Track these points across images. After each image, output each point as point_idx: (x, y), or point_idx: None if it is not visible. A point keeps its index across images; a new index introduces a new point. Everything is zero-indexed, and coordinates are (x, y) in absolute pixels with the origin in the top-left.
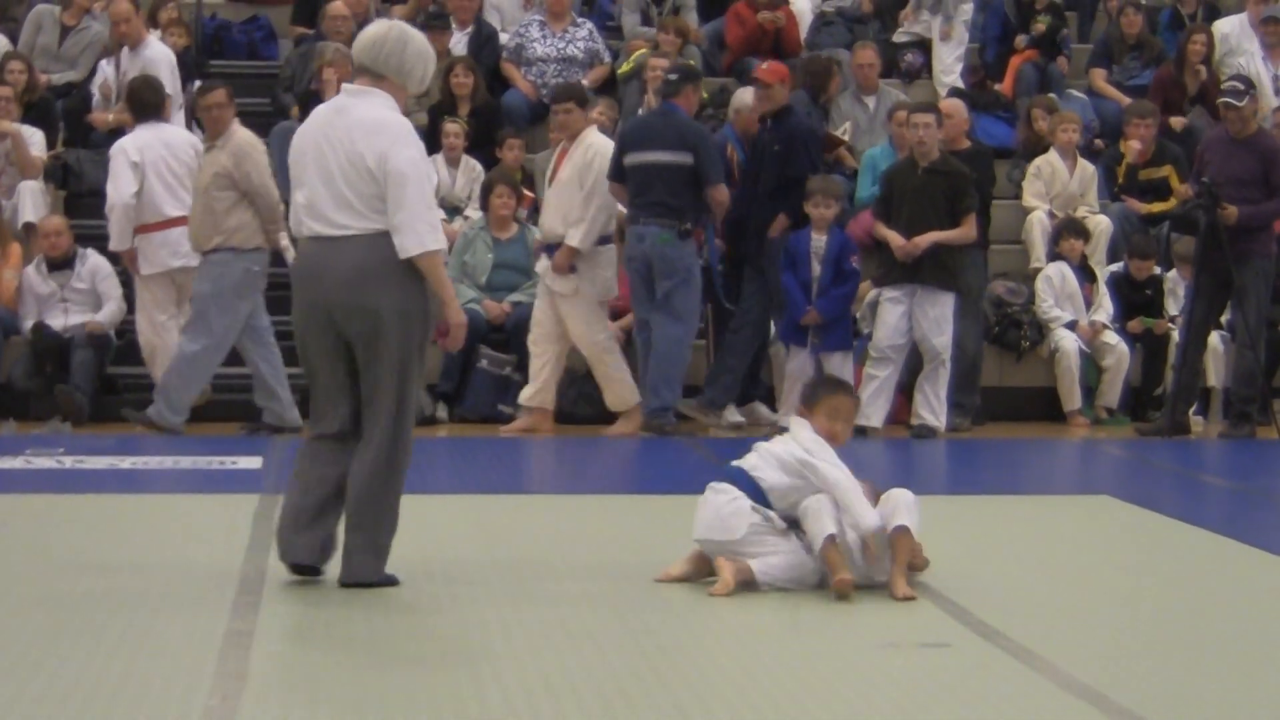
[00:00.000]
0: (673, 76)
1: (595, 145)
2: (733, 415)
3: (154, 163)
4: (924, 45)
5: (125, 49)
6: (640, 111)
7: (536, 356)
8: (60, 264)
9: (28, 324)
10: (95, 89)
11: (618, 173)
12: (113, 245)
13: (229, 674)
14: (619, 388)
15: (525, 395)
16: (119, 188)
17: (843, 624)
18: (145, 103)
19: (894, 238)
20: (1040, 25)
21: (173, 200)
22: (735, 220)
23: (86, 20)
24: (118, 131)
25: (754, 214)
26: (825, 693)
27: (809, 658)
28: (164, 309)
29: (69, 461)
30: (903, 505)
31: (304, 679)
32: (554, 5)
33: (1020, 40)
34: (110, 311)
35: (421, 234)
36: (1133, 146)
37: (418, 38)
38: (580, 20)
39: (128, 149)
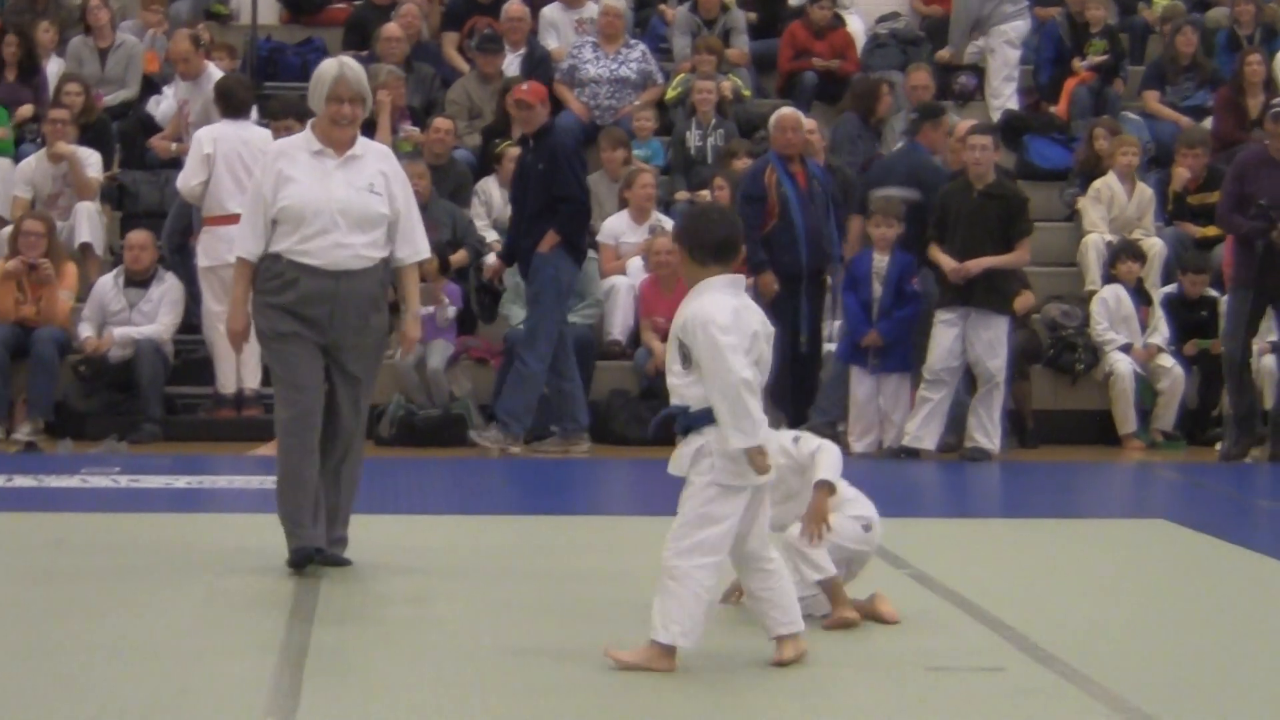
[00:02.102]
0: (913, 115)
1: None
2: None
3: (226, 156)
4: (977, 68)
5: (181, 80)
6: (691, 133)
7: None
8: (139, 280)
9: (85, 333)
10: (156, 114)
11: (859, 206)
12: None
13: (282, 692)
14: None
15: None
16: (184, 175)
17: (892, 647)
18: (234, 100)
19: (946, 261)
20: (1099, 52)
21: (239, 196)
22: (508, 242)
23: (119, 37)
24: (177, 160)
25: (524, 234)
26: (877, 718)
27: (859, 683)
28: (222, 302)
29: (124, 481)
30: (826, 459)
31: (358, 695)
32: (606, 27)
33: (1078, 64)
34: (156, 328)
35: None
36: (1181, 175)
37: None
38: (633, 42)
39: (203, 140)
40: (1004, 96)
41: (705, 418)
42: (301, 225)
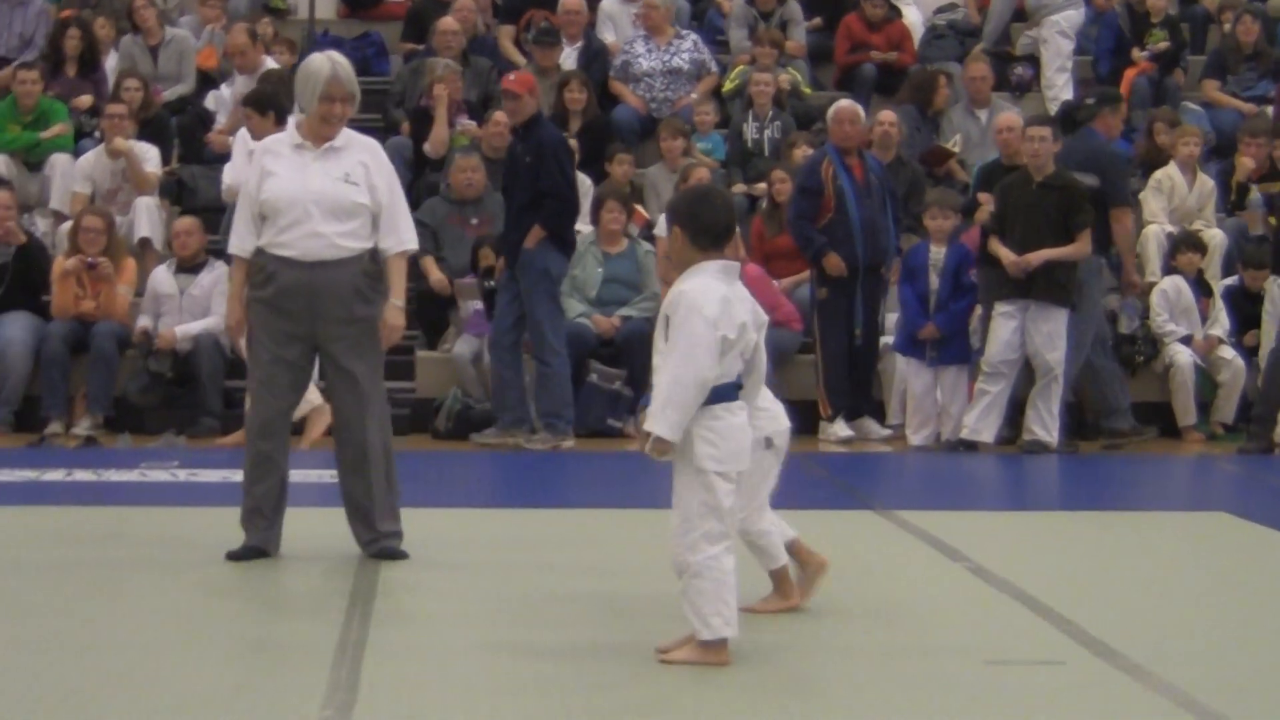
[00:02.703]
0: (1089, 101)
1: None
2: (842, 429)
3: None
4: (1034, 58)
5: (239, 75)
6: (749, 126)
7: None
8: (188, 267)
9: (143, 323)
10: (214, 109)
11: None
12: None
13: (341, 684)
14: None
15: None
16: (228, 172)
17: (950, 640)
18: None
19: (1005, 254)
20: (1159, 42)
21: None
22: (500, 235)
23: (169, 33)
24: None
25: (512, 228)
26: (935, 711)
27: (917, 675)
28: None
29: (183, 475)
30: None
31: (415, 691)
32: (651, 19)
33: (1138, 54)
34: (207, 323)
35: None
36: (1245, 164)
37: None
38: (684, 32)
39: (245, 137)
40: (1058, 87)
41: None
42: (278, 217)
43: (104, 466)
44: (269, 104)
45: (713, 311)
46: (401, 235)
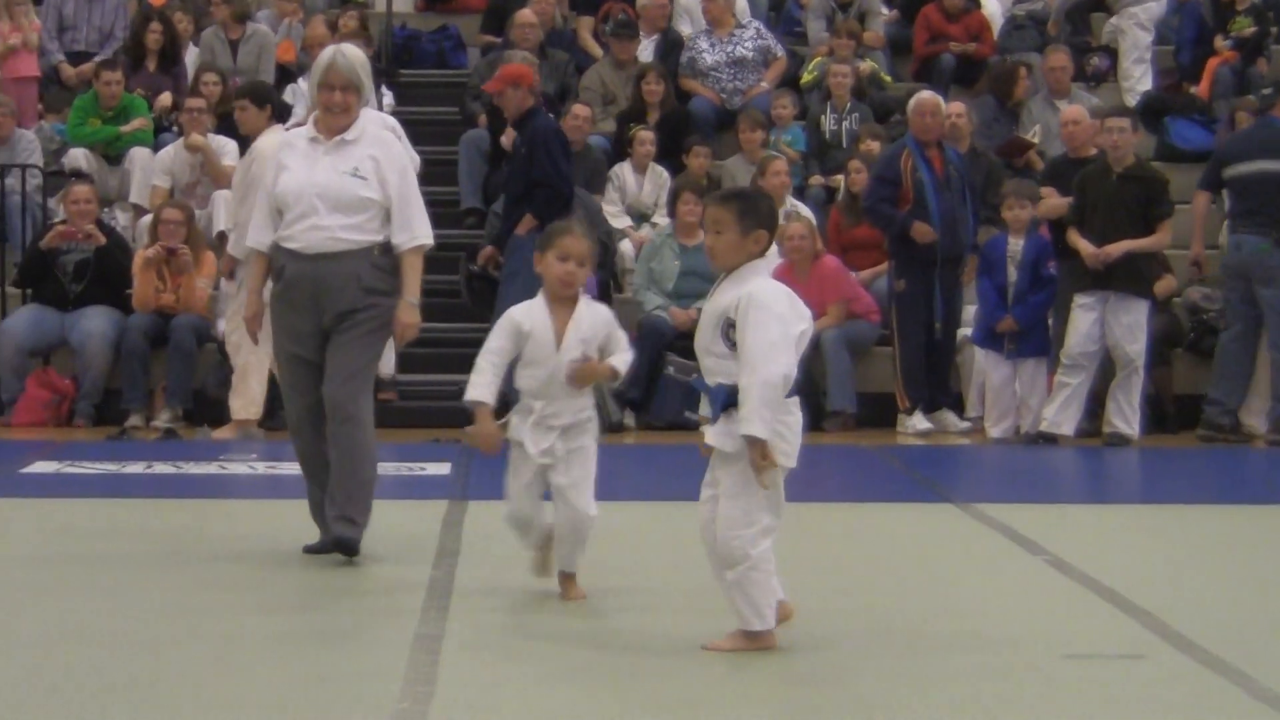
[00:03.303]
0: (1267, 91)
1: (257, 150)
2: (920, 422)
3: None
4: (1110, 49)
5: None
6: (826, 118)
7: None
8: None
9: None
10: (292, 102)
11: (1209, 182)
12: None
13: (418, 679)
14: (243, 396)
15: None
16: None
17: (1028, 633)
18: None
19: (1085, 246)
20: (1244, 29)
21: None
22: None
23: (250, 28)
24: None
25: (505, 218)
26: (1012, 702)
27: (994, 668)
28: None
29: (261, 467)
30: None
31: (491, 685)
32: (711, 11)
33: (1221, 43)
34: None
35: None
36: None
37: None
38: (745, 21)
39: None
40: (1135, 78)
41: None
42: (288, 211)
43: (183, 459)
44: (266, 97)
45: (784, 309)
46: (414, 230)
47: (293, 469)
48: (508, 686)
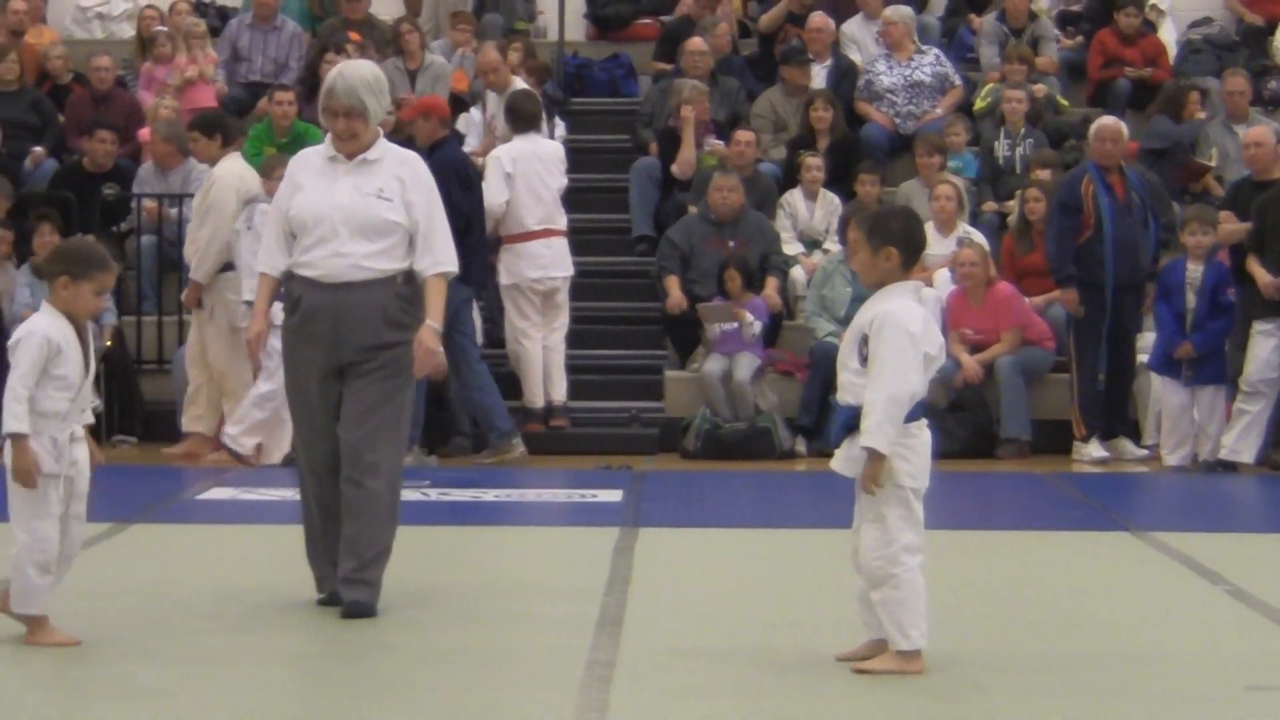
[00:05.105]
0: None
1: (215, 176)
2: (1097, 450)
3: (525, 173)
4: None
5: (491, 93)
6: (1000, 143)
7: (191, 381)
8: None
9: None
10: (465, 131)
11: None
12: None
13: (590, 706)
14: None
15: (186, 420)
16: (489, 194)
17: (1209, 663)
18: (522, 114)
19: (1261, 274)
20: None
21: (537, 211)
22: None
23: (428, 58)
24: None
25: None
26: None
27: (1174, 697)
28: (525, 317)
29: (434, 494)
30: None
31: (664, 712)
32: (891, 35)
33: None
34: None
35: None
36: None
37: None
38: (925, 47)
39: (502, 158)
40: None
41: None
42: (304, 235)
43: None
44: (215, 126)
45: (917, 328)
46: (438, 256)
47: (466, 495)
48: (679, 715)
